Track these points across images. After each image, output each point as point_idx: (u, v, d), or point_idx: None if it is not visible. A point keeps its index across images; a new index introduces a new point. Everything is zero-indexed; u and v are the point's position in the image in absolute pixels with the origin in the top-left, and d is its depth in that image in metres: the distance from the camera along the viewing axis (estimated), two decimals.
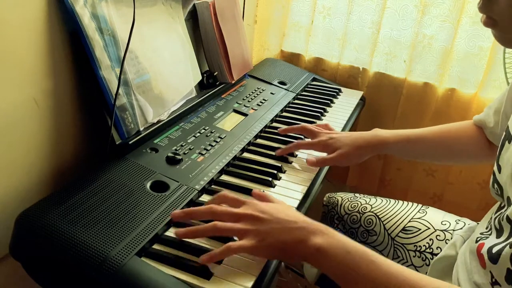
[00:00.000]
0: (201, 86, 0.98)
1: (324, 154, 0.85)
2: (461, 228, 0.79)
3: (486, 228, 0.61)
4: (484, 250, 0.55)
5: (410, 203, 0.88)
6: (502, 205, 0.60)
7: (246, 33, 1.15)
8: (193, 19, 0.98)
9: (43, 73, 0.65)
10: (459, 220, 0.82)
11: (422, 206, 0.87)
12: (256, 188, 0.74)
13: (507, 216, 0.54)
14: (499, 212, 0.59)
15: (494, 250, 0.52)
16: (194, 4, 0.96)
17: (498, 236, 0.55)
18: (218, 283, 0.53)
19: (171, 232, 0.61)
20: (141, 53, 0.76)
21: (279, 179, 0.78)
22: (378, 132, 0.86)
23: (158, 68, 0.80)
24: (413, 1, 1.19)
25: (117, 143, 0.71)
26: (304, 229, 0.55)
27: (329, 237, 0.54)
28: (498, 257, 0.51)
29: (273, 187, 0.75)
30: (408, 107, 1.29)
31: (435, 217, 0.83)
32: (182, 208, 0.64)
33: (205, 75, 0.98)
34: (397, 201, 0.89)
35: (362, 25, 1.28)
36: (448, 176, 1.31)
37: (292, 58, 1.43)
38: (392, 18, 1.24)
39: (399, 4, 1.22)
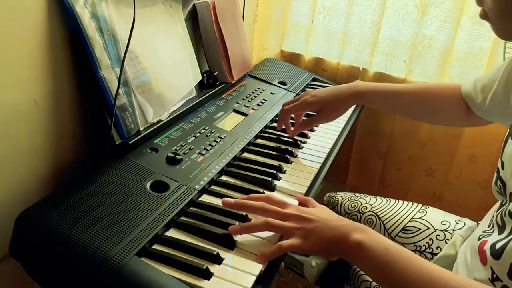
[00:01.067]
0: (201, 86, 0.98)
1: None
2: (461, 228, 0.79)
3: (488, 227, 0.61)
4: (486, 247, 0.55)
5: (410, 203, 0.88)
6: (503, 203, 0.60)
7: (246, 33, 1.15)
8: (193, 19, 0.98)
9: (43, 73, 0.65)
10: (459, 220, 0.82)
11: (422, 206, 0.87)
12: (256, 188, 0.74)
13: (509, 211, 0.54)
14: (501, 209, 0.59)
15: (498, 246, 0.52)
16: (194, 4, 0.96)
17: (500, 233, 0.56)
18: (218, 283, 0.53)
19: (171, 232, 0.61)
20: (141, 53, 0.76)
21: (279, 179, 0.78)
22: (359, 83, 0.89)
23: (158, 68, 0.80)
24: (413, 1, 1.19)
25: (117, 143, 0.71)
26: (345, 226, 0.58)
27: (369, 234, 0.57)
28: (501, 253, 0.51)
29: (273, 187, 0.75)
30: None
31: (435, 217, 0.83)
32: (182, 208, 0.64)
33: (205, 75, 0.98)
34: (397, 201, 0.89)
35: (362, 25, 1.28)
36: (448, 176, 1.31)
37: (292, 58, 1.43)
38: (392, 18, 1.24)
39: (399, 4, 1.22)
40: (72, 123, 0.73)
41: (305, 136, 0.95)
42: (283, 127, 0.92)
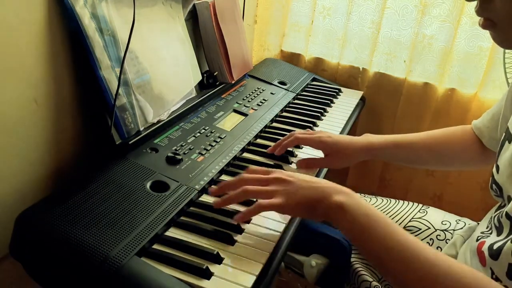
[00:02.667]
0: (201, 86, 0.98)
1: (319, 152, 0.85)
2: (461, 228, 0.79)
3: (487, 228, 0.61)
4: (484, 248, 0.55)
5: (411, 203, 0.88)
6: (502, 205, 0.60)
7: (246, 33, 1.15)
8: (193, 19, 0.98)
9: (43, 73, 0.65)
10: (459, 220, 0.82)
11: (422, 206, 0.87)
12: None
13: (507, 213, 0.54)
14: (499, 211, 0.59)
15: (495, 246, 0.52)
16: (194, 4, 0.96)
17: (498, 234, 0.56)
18: (218, 282, 0.53)
19: (171, 232, 0.61)
20: (141, 53, 0.76)
21: None
22: (369, 138, 0.85)
23: (158, 68, 0.80)
24: (413, 1, 1.19)
25: (117, 143, 0.71)
26: (328, 187, 0.59)
27: (351, 197, 0.57)
28: (499, 253, 0.51)
29: None
30: (408, 107, 1.29)
31: (436, 217, 0.83)
32: (182, 208, 0.64)
33: (205, 75, 0.98)
34: (397, 200, 0.89)
35: (362, 25, 1.28)
36: (448, 176, 1.31)
37: (292, 58, 1.43)
38: (392, 18, 1.24)
39: (399, 4, 1.22)
40: (72, 123, 0.73)
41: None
42: (276, 148, 0.84)
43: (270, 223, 0.65)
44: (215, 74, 1.01)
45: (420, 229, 0.81)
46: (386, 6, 1.22)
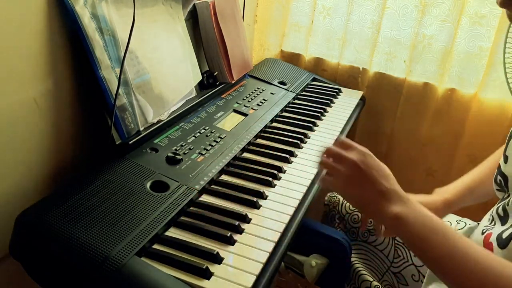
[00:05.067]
0: (201, 86, 0.98)
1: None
2: (461, 228, 0.79)
3: (489, 221, 0.61)
4: (492, 239, 0.55)
5: None
6: (505, 197, 0.60)
7: (246, 33, 1.15)
8: (193, 19, 0.98)
9: (43, 73, 0.65)
10: (459, 220, 0.82)
11: None
12: (256, 187, 0.73)
13: None
14: (502, 202, 0.59)
15: (504, 235, 0.52)
16: (194, 4, 0.96)
17: (503, 223, 0.56)
18: (218, 282, 0.53)
19: (171, 232, 0.61)
20: (141, 53, 0.76)
21: (279, 179, 0.78)
22: (442, 194, 0.82)
23: (158, 68, 0.80)
24: (413, 1, 1.19)
25: (117, 143, 0.71)
26: (388, 193, 0.57)
27: (408, 207, 0.56)
28: (508, 242, 0.51)
29: (273, 187, 0.75)
30: (408, 107, 1.29)
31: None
32: (183, 208, 0.64)
33: (205, 75, 0.98)
34: None
35: (362, 25, 1.28)
36: (448, 176, 1.31)
37: (292, 58, 1.43)
38: (392, 18, 1.24)
39: (399, 4, 1.22)
40: (72, 123, 0.73)
41: (306, 136, 0.95)
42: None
43: (270, 223, 0.65)
44: (215, 74, 1.01)
45: None
46: (386, 6, 1.22)
